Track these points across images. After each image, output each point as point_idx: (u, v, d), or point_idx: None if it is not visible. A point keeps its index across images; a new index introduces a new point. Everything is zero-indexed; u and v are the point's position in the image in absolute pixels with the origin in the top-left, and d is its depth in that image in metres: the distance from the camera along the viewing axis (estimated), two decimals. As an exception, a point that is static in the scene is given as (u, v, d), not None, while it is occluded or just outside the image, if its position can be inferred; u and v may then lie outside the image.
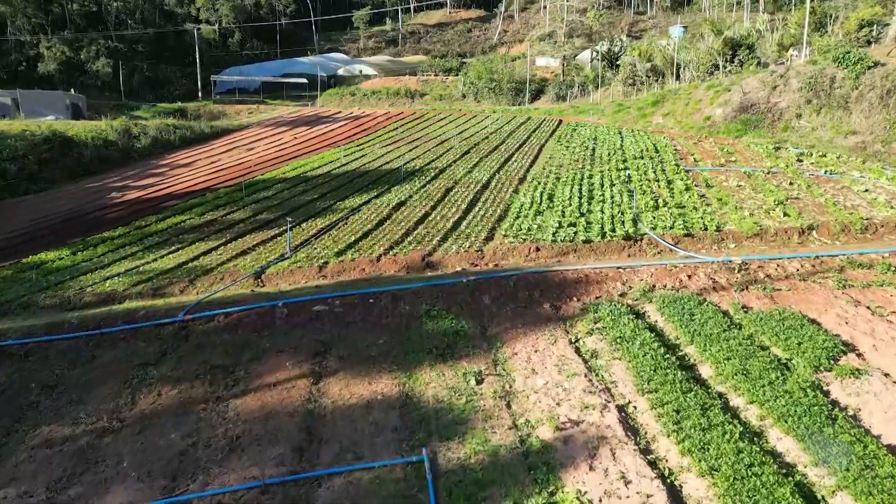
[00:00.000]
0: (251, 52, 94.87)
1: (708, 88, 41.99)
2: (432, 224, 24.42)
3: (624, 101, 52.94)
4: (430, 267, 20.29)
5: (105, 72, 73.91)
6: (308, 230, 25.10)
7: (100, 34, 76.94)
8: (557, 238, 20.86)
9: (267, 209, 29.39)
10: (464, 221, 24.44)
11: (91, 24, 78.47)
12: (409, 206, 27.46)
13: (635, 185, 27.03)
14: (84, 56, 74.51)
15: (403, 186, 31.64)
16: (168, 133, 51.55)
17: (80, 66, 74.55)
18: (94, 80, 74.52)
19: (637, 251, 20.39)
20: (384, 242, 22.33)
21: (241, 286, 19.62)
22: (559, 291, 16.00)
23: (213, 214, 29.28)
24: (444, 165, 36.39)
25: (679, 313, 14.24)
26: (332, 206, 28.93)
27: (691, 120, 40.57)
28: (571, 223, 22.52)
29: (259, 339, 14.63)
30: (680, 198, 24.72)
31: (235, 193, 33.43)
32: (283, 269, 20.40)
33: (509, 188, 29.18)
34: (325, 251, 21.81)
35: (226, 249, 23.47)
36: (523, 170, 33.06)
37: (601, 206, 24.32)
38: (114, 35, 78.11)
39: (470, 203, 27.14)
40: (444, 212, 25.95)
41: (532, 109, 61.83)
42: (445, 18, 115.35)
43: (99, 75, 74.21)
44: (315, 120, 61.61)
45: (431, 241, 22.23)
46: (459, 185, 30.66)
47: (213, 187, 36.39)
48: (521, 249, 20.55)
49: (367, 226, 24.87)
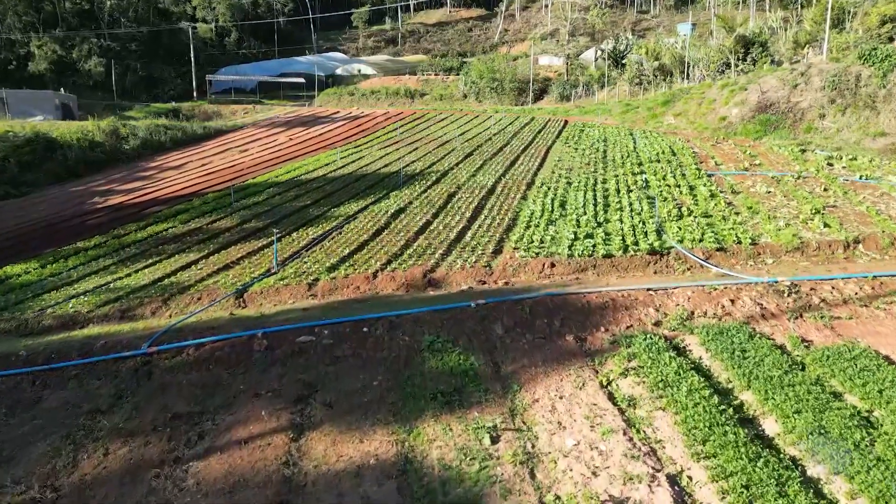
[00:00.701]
0: (248, 52, 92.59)
1: (722, 87, 39.71)
2: (434, 234, 22.13)
3: (632, 101, 50.66)
4: (433, 285, 18.01)
5: (97, 71, 71.55)
6: (298, 241, 22.81)
7: (92, 33, 74.55)
8: (574, 252, 18.58)
9: (256, 216, 27.10)
10: (469, 231, 22.15)
11: (83, 23, 76.06)
12: (408, 214, 25.18)
13: (655, 192, 24.75)
14: (76, 55, 72.15)
15: (403, 191, 29.36)
16: (158, 134, 49.22)
17: (71, 66, 72.19)
18: (87, 79, 72.16)
19: (664, 267, 18.11)
20: (381, 256, 20.05)
21: (220, 307, 17.33)
22: (583, 319, 13.71)
23: (199, 222, 26.98)
24: (446, 168, 34.10)
25: (728, 349, 11.94)
26: (325, 214, 26.64)
27: (705, 120, 38.29)
28: (588, 234, 20.23)
29: (232, 379, 12.33)
30: (705, 206, 22.43)
31: (224, 199, 31.13)
32: (269, 286, 18.12)
33: (517, 194, 26.90)
34: (315, 266, 19.52)
35: (207, 263, 21.17)
36: (531, 174, 30.76)
37: (619, 215, 22.03)
38: (107, 34, 75.73)
39: (475, 210, 24.85)
40: (448, 220, 23.67)
41: (536, 109, 59.54)
42: (446, 17, 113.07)
43: (91, 75, 71.84)
44: (312, 120, 59.32)
45: (434, 254, 19.95)
46: (463, 191, 28.37)
47: (202, 192, 34.09)
48: (534, 265, 18.27)
49: (363, 236, 22.59)
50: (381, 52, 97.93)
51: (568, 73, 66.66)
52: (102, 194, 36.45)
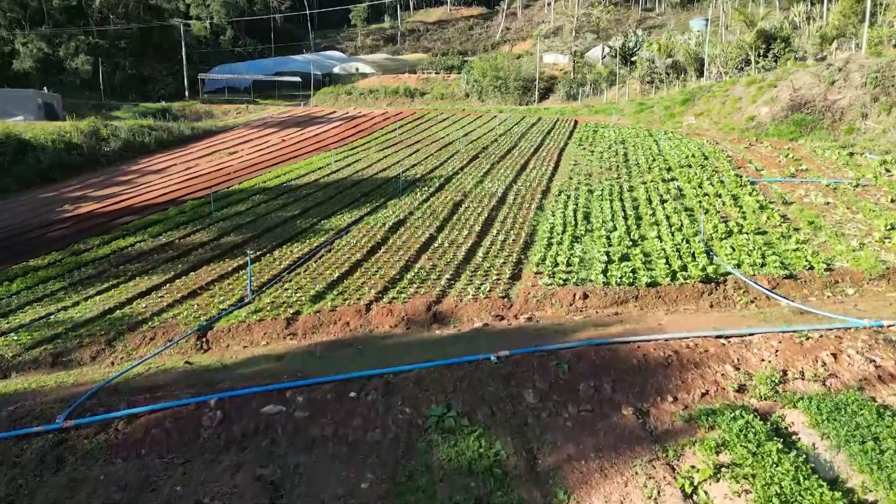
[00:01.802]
0: (244, 50, 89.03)
1: (748, 84, 36.27)
2: (439, 253, 18.69)
3: (645, 100, 47.20)
4: (440, 321, 14.58)
5: (85, 69, 67.91)
6: (281, 260, 19.35)
7: (80, 30, 70.95)
8: (611, 279, 15.15)
9: (236, 229, 23.64)
10: (479, 249, 18.72)
11: (71, 20, 72.44)
12: (409, 227, 21.74)
13: (692, 202, 21.31)
14: (63, 53, 68.49)
15: (402, 200, 25.92)
16: (142, 135, 45.68)
17: (58, 64, 68.54)
18: (74, 78, 68.53)
19: (721, 298, 14.69)
20: (376, 281, 16.61)
21: (176, 350, 13.90)
22: (641, 381, 10.27)
23: (170, 236, 23.52)
24: (450, 173, 30.65)
25: (854, 437, 8.50)
26: (314, 226, 23.19)
27: (731, 120, 34.85)
28: (623, 256, 16.79)
29: (168, 475, 8.88)
30: (755, 220, 18.99)
31: (204, 207, 27.68)
32: (239, 322, 14.68)
33: (531, 203, 23.46)
34: (297, 294, 16.08)
35: (172, 288, 17.72)
36: (545, 179, 27.32)
37: (657, 231, 18.59)
38: (95, 31, 72.15)
39: (485, 223, 21.41)
40: (454, 235, 20.22)
41: (542, 109, 56.09)
42: (446, 16, 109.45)
43: (78, 73, 68.20)
44: (307, 120, 55.83)
45: (439, 279, 16.52)
46: (470, 199, 24.93)
47: (181, 199, 30.62)
48: (563, 296, 14.84)
49: (356, 254, 19.15)
50: (380, 51, 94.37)
51: (575, 72, 63.19)
52: (74, 201, 32.96)
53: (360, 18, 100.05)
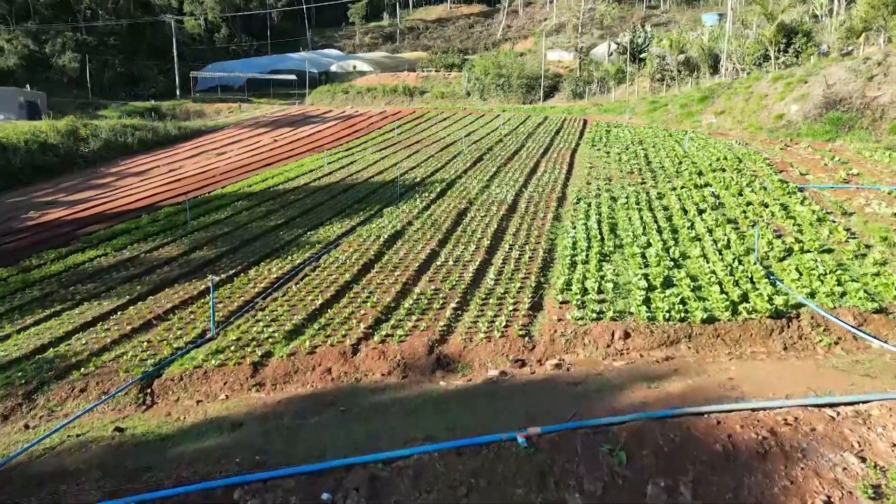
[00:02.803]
0: (239, 48, 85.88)
1: (774, 80, 33.23)
2: (443, 273, 15.65)
3: (658, 98, 44.16)
4: (444, 366, 11.56)
5: (72, 67, 64.79)
6: (257, 281, 16.31)
7: (67, 26, 67.81)
8: (656, 312, 12.12)
9: (210, 241, 20.58)
10: (490, 269, 15.70)
11: (58, 16, 69.25)
12: (407, 240, 18.69)
13: (734, 212, 18.27)
14: (49, 50, 65.33)
15: (400, 207, 22.88)
16: (125, 135, 42.55)
17: (44, 61, 65.42)
18: (60, 76, 65.47)
19: (796, 338, 11.68)
20: (367, 310, 13.58)
21: (112, 406, 10.89)
22: (733, 482, 7.23)
23: (136, 249, 20.46)
24: (453, 177, 27.61)
25: None
26: (299, 239, 20.14)
27: (756, 119, 31.82)
28: (666, 280, 13.76)
29: None
30: (815, 235, 15.95)
31: (180, 215, 24.62)
32: (195, 367, 11.65)
33: (547, 213, 20.42)
34: (271, 328, 13.04)
35: (123, 317, 14.66)
36: (559, 184, 24.28)
37: (700, 248, 15.55)
38: (83, 27, 69.00)
39: (495, 237, 18.37)
40: (459, 251, 17.17)
41: (547, 108, 53.04)
42: (446, 13, 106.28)
43: (65, 71, 65.09)
44: (301, 120, 52.76)
45: (443, 308, 13.48)
46: (476, 207, 21.89)
47: (157, 204, 27.57)
48: (598, 334, 11.82)
49: (344, 274, 16.11)
50: (379, 49, 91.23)
51: (580, 69, 60.14)
52: (42, 207, 29.89)
53: (358, 16, 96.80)
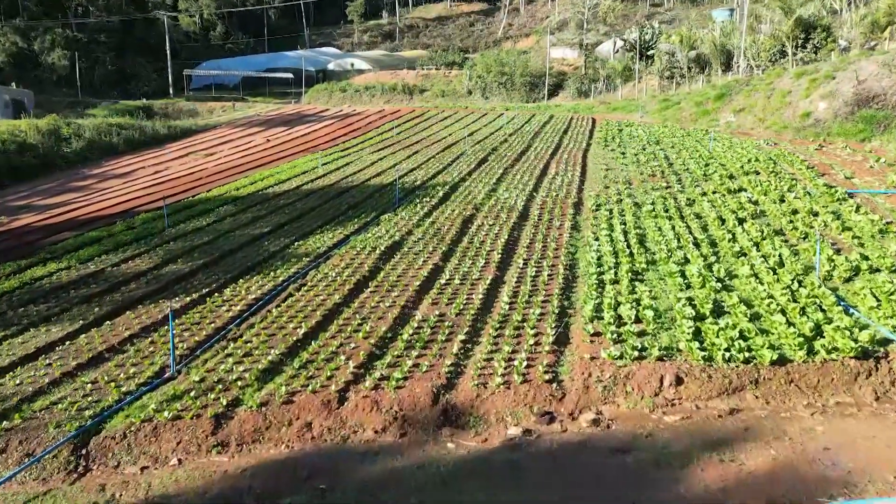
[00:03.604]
0: (235, 46, 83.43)
1: (798, 76, 30.89)
2: (448, 295, 13.30)
3: (670, 96, 41.80)
4: (452, 421, 9.23)
5: (61, 65, 62.31)
6: (232, 302, 13.94)
7: (57, 22, 65.37)
8: (712, 351, 9.78)
9: (186, 253, 18.21)
10: (503, 289, 13.37)
11: (47, 12, 66.80)
12: (406, 253, 16.34)
13: (778, 221, 15.93)
14: (38, 47, 62.85)
15: (399, 214, 20.53)
16: (110, 135, 40.13)
17: (33, 59, 63.00)
18: (50, 74, 62.98)
19: (888, 385, 9.36)
20: (358, 343, 11.24)
21: (34, 475, 8.54)
22: None
23: (103, 262, 18.06)
24: (456, 179, 25.28)
25: None
26: (286, 250, 17.78)
27: (780, 117, 29.48)
28: (716, 306, 11.42)
29: None
30: (881, 249, 13.58)
31: (158, 221, 22.27)
32: (143, 420, 9.29)
33: (563, 221, 18.06)
34: (242, 365, 10.69)
35: (71, 349, 12.27)
36: (574, 188, 21.92)
37: (748, 266, 13.19)
38: (74, 24, 66.55)
39: (506, 249, 16.03)
40: (466, 267, 14.82)
41: (552, 106, 50.67)
42: (446, 12, 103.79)
43: (55, 68, 62.60)
44: (297, 119, 50.37)
45: (449, 341, 11.14)
46: (483, 214, 19.54)
47: (136, 209, 25.19)
48: (643, 378, 9.49)
49: (333, 295, 13.76)
50: (378, 48, 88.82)
51: (586, 67, 57.79)
52: (14, 212, 27.47)
53: (356, 14, 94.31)
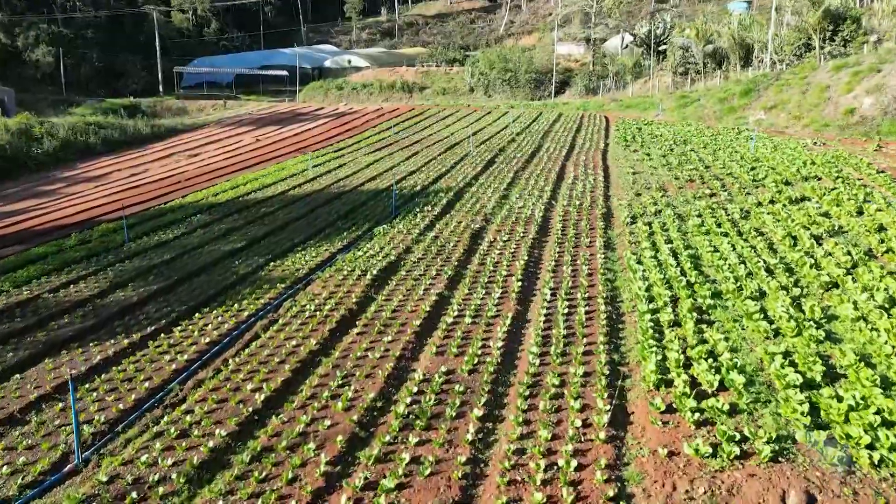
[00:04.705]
0: (230, 44, 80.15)
1: (837, 70, 27.74)
2: (457, 341, 10.10)
3: (689, 93, 38.62)
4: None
5: (46, 62, 59.17)
6: (178, 349, 10.74)
7: (42, 18, 62.11)
8: (854, 453, 6.58)
9: (141, 275, 15.01)
10: (529, 333, 10.21)
11: (32, 7, 63.57)
12: (404, 278, 13.16)
13: (865, 240, 12.76)
14: (22, 43, 59.72)
15: (395, 226, 17.34)
16: (86, 134, 36.95)
17: (17, 55, 59.77)
18: (34, 71, 59.79)
19: None
20: (335, 420, 8.05)
21: None
22: None
23: (42, 284, 14.86)
24: (461, 184, 22.10)
25: None
26: (258, 272, 14.59)
27: (819, 114, 26.32)
28: (826, 366, 8.23)
29: None
30: None
31: (119, 234, 19.08)
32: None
33: (593, 237, 14.88)
34: (173, 453, 7.50)
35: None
36: (599, 195, 18.72)
37: (850, 303, 10.00)
38: (59, 19, 63.27)
39: (527, 273, 12.83)
40: (479, 299, 11.62)
41: (560, 104, 47.48)
42: (446, 9, 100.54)
43: (39, 66, 59.47)
44: (289, 117, 47.20)
45: (462, 418, 7.95)
46: (495, 227, 16.35)
47: (97, 219, 21.98)
48: (756, 496, 6.27)
49: (309, 339, 10.59)
50: (377, 46, 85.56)
51: (594, 63, 54.60)
52: (-35, 220, 24.32)
53: (354, 11, 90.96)
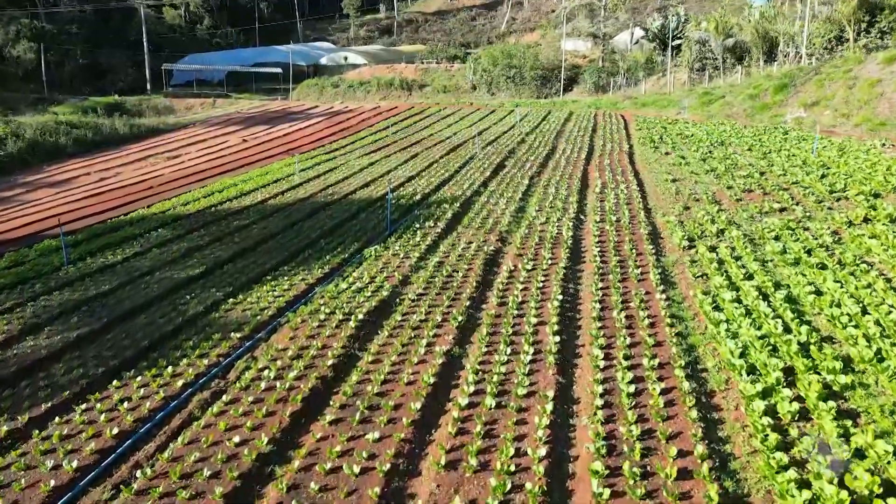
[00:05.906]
0: (223, 40, 76.73)
1: (888, 62, 24.45)
2: (474, 445, 6.67)
3: (711, 90, 35.31)
4: None
5: (28, 58, 55.80)
6: (75, 442, 7.35)
7: (24, 12, 58.76)
8: None
9: (64, 314, 11.65)
10: (577, 425, 6.80)
11: (13, 1, 60.16)
12: (400, 325, 9.79)
13: None
14: (2, 39, 56.37)
15: (390, 247, 13.98)
16: (56, 135, 33.55)
17: (-3, 52, 56.48)
18: (15, 68, 56.39)
19: None
20: None
21: None
22: None
23: (-62, 327, 11.55)
24: (468, 192, 18.74)
25: None
26: (211, 312, 11.20)
27: (872, 112, 23.03)
28: None
29: None
30: None
31: (59, 254, 15.71)
32: None
33: (645, 267, 11.51)
34: None
35: None
36: (638, 208, 15.35)
37: None
38: (42, 14, 59.88)
39: (563, 321, 9.47)
40: (503, 363, 8.24)
41: (569, 102, 44.14)
42: (446, 6, 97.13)
43: (20, 62, 56.08)
44: (280, 116, 43.81)
45: None
46: (514, 251, 12.98)
47: (42, 234, 18.60)
48: None
49: (260, 432, 7.20)
50: (375, 43, 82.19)
51: (603, 59, 51.26)
52: None
53: (352, 8, 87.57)
